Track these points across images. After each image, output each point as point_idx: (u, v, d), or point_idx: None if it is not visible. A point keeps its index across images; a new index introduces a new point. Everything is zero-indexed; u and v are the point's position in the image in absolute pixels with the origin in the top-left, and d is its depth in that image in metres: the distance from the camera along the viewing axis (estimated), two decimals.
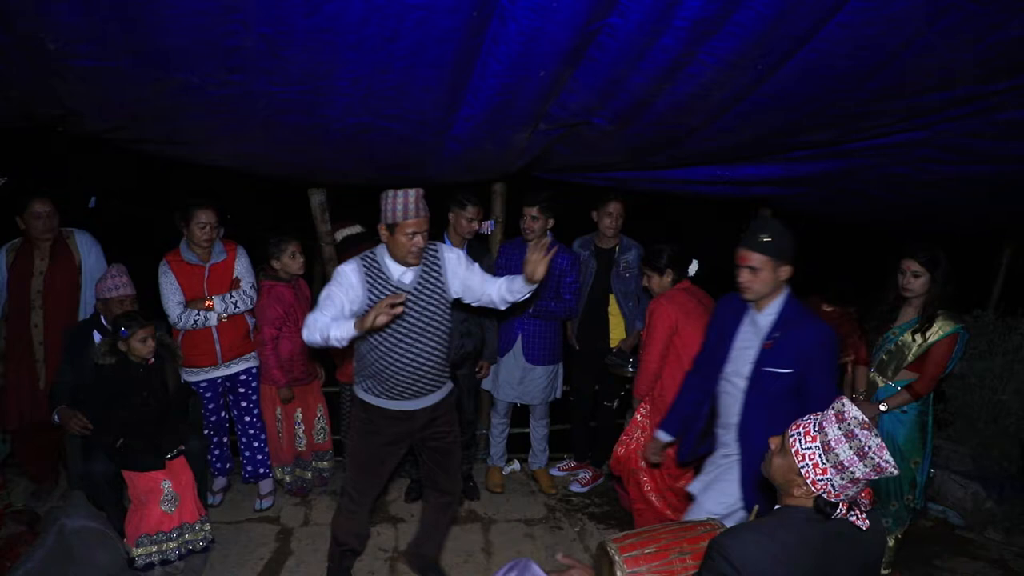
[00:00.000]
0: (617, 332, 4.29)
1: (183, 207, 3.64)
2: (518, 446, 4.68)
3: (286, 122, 2.62)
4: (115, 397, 3.14)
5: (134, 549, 3.12)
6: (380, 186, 2.87)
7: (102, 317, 3.48)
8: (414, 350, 2.81)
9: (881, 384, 3.34)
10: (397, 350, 2.79)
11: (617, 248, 4.18)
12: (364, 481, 3.03)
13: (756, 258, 2.56)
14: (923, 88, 2.44)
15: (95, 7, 1.87)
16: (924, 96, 2.50)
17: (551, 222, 3.95)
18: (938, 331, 3.17)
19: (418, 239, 2.70)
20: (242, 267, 3.84)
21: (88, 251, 3.87)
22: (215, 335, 3.73)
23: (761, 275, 2.57)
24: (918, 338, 3.21)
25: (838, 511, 1.66)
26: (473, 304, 3.02)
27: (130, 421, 3.14)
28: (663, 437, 3.05)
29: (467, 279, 2.92)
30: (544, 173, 3.96)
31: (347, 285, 2.75)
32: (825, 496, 1.67)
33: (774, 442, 1.82)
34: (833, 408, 1.71)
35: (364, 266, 2.81)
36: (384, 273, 2.79)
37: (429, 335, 2.84)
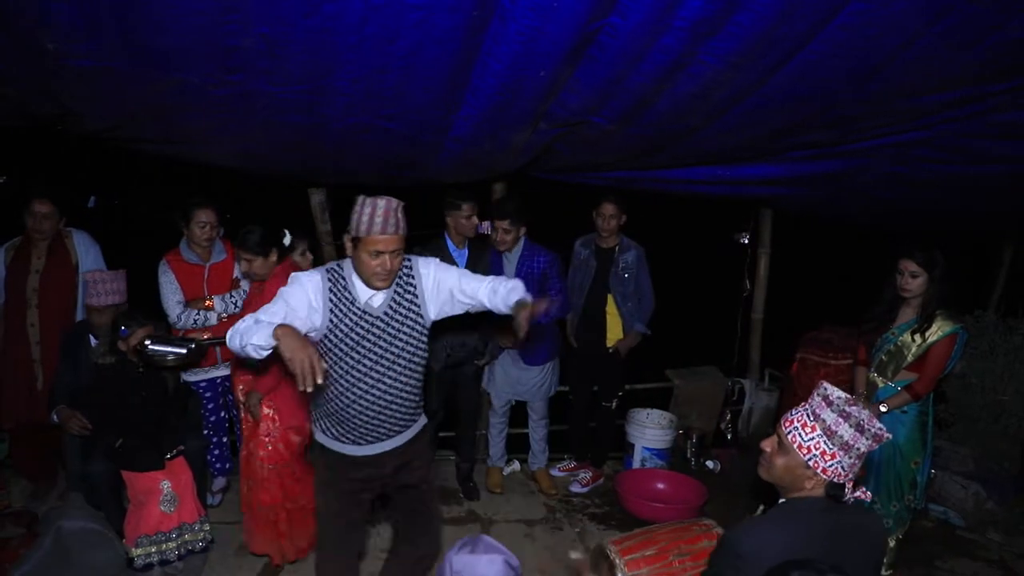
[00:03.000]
0: (614, 332, 4.28)
1: (183, 206, 3.64)
2: (518, 446, 4.67)
3: (286, 122, 2.62)
4: (114, 397, 3.14)
5: (133, 549, 3.11)
6: (382, 186, 2.86)
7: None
8: (381, 387, 2.36)
9: (881, 385, 3.33)
10: (361, 386, 2.35)
11: (617, 248, 4.18)
12: (334, 533, 2.59)
13: None
14: (923, 89, 2.44)
15: (94, 7, 1.86)
16: (924, 97, 2.50)
17: (523, 229, 3.96)
18: (937, 331, 3.17)
19: (385, 260, 2.23)
20: None
21: (86, 251, 3.86)
22: None
23: None
24: (917, 338, 3.20)
25: (847, 491, 1.71)
26: (461, 312, 2.53)
27: (129, 421, 3.14)
28: None
29: (450, 285, 2.44)
30: (544, 173, 3.96)
31: (302, 298, 2.27)
32: (835, 480, 1.70)
33: (768, 444, 1.84)
34: (818, 394, 1.75)
35: (329, 281, 2.33)
36: (350, 293, 2.32)
37: (401, 368, 2.38)
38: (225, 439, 4.08)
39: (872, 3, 1.90)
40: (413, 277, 2.42)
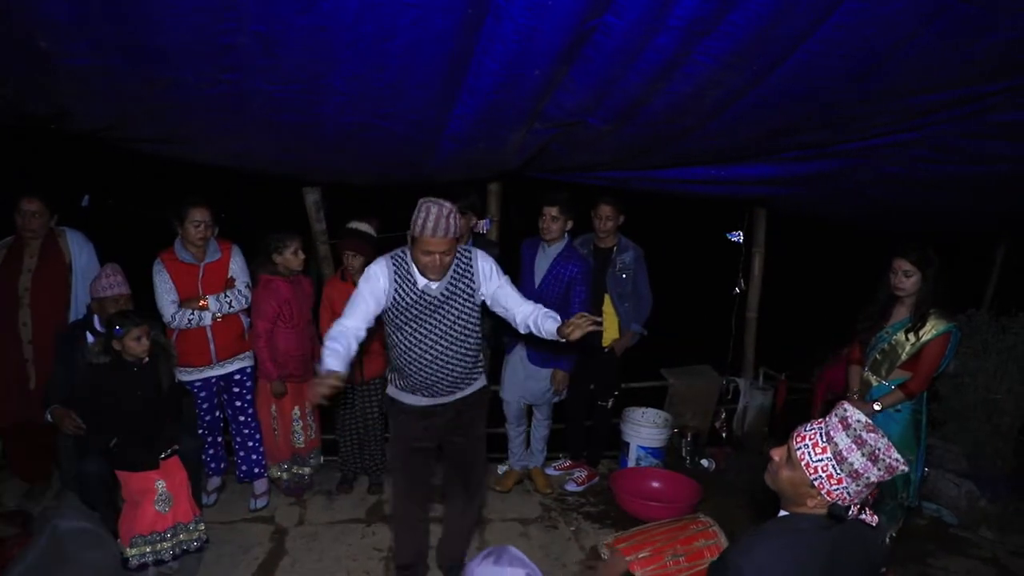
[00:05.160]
0: (610, 331, 4.29)
1: (178, 206, 3.62)
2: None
3: (282, 121, 2.61)
4: (108, 396, 3.12)
5: (128, 549, 3.10)
6: (379, 185, 2.85)
7: (95, 317, 3.46)
8: (435, 352, 2.75)
9: (875, 383, 3.34)
10: (417, 350, 2.75)
11: (614, 248, 4.18)
12: (406, 486, 3.03)
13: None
14: (920, 89, 2.45)
15: (93, 6, 1.85)
16: (921, 97, 2.51)
17: (570, 223, 3.92)
18: (931, 330, 3.18)
19: (435, 258, 2.58)
20: (237, 266, 3.82)
21: (80, 250, 3.84)
22: (209, 334, 3.71)
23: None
24: (911, 337, 3.21)
25: (851, 514, 1.64)
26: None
27: (123, 420, 3.12)
28: None
29: (497, 294, 2.84)
30: (540, 173, 3.96)
31: (375, 287, 2.69)
32: (840, 503, 1.63)
33: (777, 453, 1.77)
34: (836, 415, 1.68)
35: (394, 265, 2.72)
36: (411, 277, 2.70)
37: (453, 339, 2.77)
38: (220, 439, 4.07)
39: (868, 2, 1.91)
40: (471, 266, 2.80)
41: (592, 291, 4.20)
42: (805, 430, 1.71)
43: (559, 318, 2.77)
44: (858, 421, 1.64)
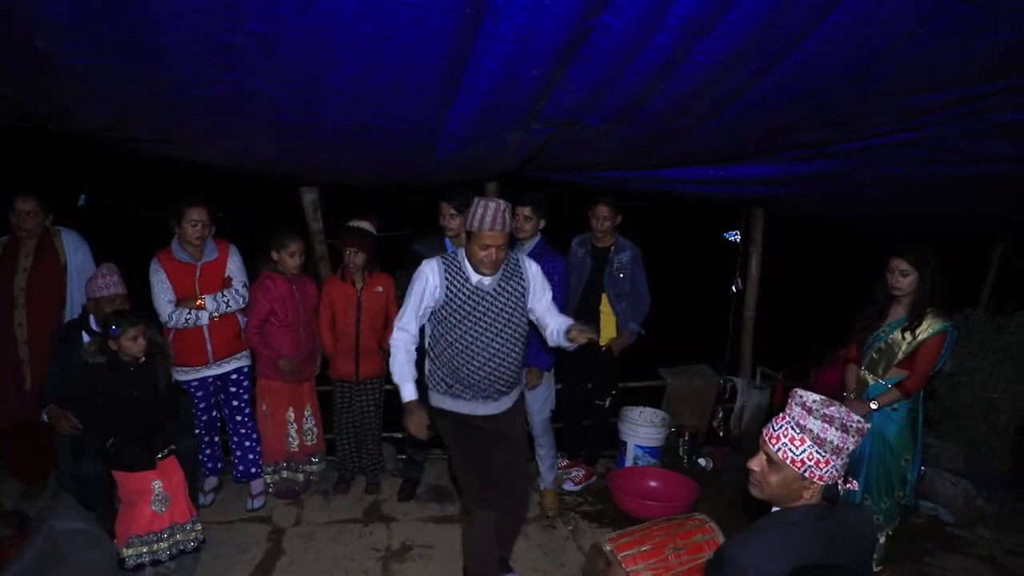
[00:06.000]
0: (608, 331, 4.29)
1: (175, 205, 3.61)
2: None
3: (282, 121, 2.61)
4: (105, 396, 3.12)
5: (124, 550, 3.10)
6: (378, 185, 2.86)
7: (91, 317, 3.45)
8: (489, 351, 2.85)
9: (872, 382, 3.35)
10: (473, 348, 2.84)
11: (612, 248, 4.18)
12: (477, 476, 2.98)
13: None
14: (918, 89, 2.45)
15: (93, 6, 1.85)
16: (920, 96, 2.51)
17: (543, 222, 3.94)
18: (927, 329, 3.18)
19: (491, 252, 2.73)
20: (234, 266, 3.82)
21: (75, 250, 3.83)
22: (206, 334, 3.71)
23: None
24: (908, 336, 3.22)
25: (841, 488, 1.73)
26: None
27: (120, 420, 3.12)
28: None
29: (539, 300, 2.99)
30: (538, 172, 3.95)
31: (425, 285, 2.84)
32: (831, 483, 1.72)
33: (756, 464, 1.83)
34: (795, 403, 1.74)
35: (445, 266, 2.86)
36: (464, 273, 2.84)
37: (506, 337, 2.87)
38: (217, 439, 4.07)
39: (867, 1, 1.91)
40: (519, 266, 2.96)
41: (589, 291, 4.21)
42: (774, 430, 1.78)
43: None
44: (814, 400, 1.72)
